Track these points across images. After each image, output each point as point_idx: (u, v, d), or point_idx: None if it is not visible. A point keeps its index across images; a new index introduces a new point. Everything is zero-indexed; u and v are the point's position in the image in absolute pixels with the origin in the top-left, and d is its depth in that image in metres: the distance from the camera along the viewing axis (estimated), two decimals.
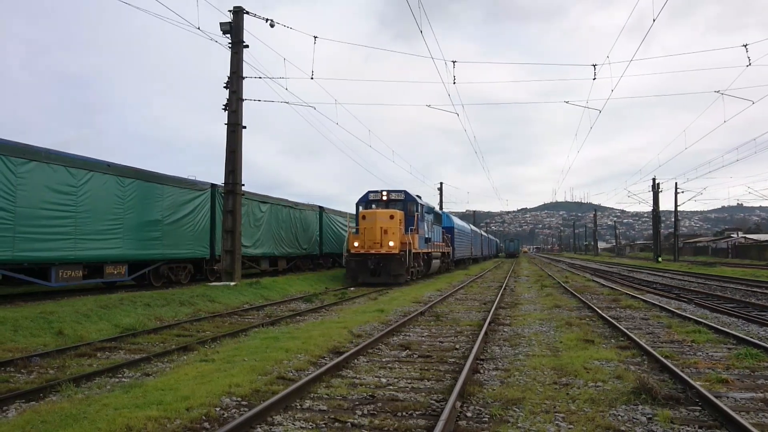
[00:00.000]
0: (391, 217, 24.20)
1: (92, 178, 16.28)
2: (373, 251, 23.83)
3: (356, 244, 24.10)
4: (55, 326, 10.62)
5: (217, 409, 5.72)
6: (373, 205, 26.00)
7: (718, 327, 11.06)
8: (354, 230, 25.44)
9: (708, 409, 5.76)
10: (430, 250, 29.18)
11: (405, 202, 26.07)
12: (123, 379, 7.21)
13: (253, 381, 6.76)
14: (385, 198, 26.04)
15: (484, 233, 78.87)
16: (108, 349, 9.34)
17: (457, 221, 44.61)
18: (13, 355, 8.54)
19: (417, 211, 26.11)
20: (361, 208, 26.05)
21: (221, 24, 19.71)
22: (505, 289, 22.28)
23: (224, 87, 20.02)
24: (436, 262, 31.22)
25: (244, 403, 6.01)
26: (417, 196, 27.36)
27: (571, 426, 5.29)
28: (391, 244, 23.63)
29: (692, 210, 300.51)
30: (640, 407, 5.86)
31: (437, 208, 46.64)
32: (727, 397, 6.28)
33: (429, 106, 26.60)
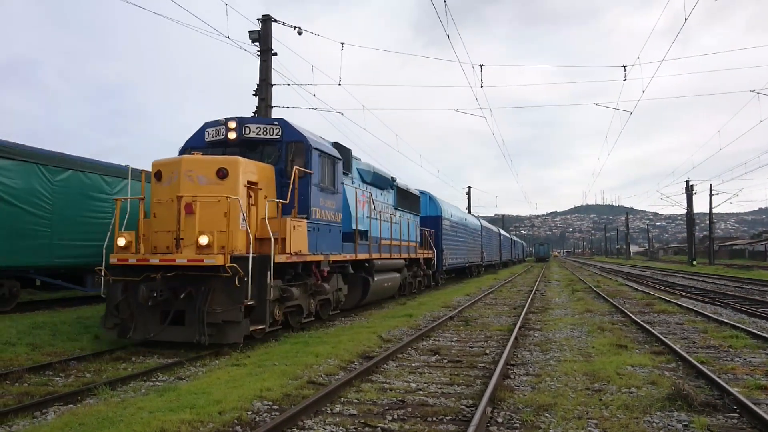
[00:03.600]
0: (221, 173, 9.83)
1: (126, 185, 16.62)
2: (157, 261, 9.41)
3: (122, 242, 9.91)
4: (91, 331, 10.87)
5: (249, 413, 5.78)
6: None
7: (757, 332, 10.77)
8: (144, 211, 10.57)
9: (746, 417, 5.62)
10: (367, 256, 14.82)
11: (281, 146, 11.47)
12: (157, 383, 7.34)
13: (284, 385, 6.82)
14: (232, 135, 11.47)
15: (504, 232, 60.71)
16: (142, 353, 9.50)
17: (448, 208, 28.48)
18: (52, 358, 8.75)
19: (310, 166, 11.35)
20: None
21: (250, 32, 19.97)
22: (535, 293, 22.04)
23: (253, 94, 20.27)
24: (391, 279, 17.18)
25: (275, 407, 6.07)
26: (335, 144, 13.68)
27: None
28: (205, 241, 9.29)
29: (728, 212, 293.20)
30: (676, 414, 5.75)
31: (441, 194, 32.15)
32: (767, 404, 6.11)
33: (456, 110, 26.56)
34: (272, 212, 10.48)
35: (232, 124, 11.52)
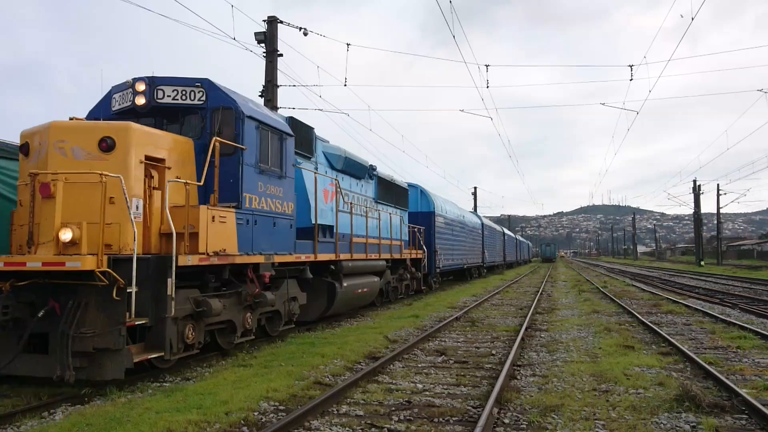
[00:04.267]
0: (105, 144, 7.31)
1: None
2: (0, 264, 6.72)
3: None
4: None
5: (256, 413, 5.80)
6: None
7: (765, 333, 10.70)
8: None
9: (755, 418, 5.58)
10: (332, 256, 12.34)
11: (206, 114, 8.88)
12: (164, 384, 7.36)
13: (290, 386, 6.83)
14: (140, 100, 8.79)
15: (508, 232, 57.64)
16: None
17: (442, 203, 25.59)
18: None
19: (241, 140, 8.80)
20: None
21: (256, 34, 20.02)
22: (541, 294, 22.00)
23: (259, 95, 20.31)
24: (367, 284, 14.59)
25: (281, 407, 6.08)
26: (290, 119, 11.43)
27: None
28: (68, 236, 6.67)
29: (735, 212, 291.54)
30: (684, 415, 5.72)
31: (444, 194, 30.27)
32: None
33: (462, 110, 26.61)
34: (178, 198, 7.90)
35: (140, 86, 8.82)
